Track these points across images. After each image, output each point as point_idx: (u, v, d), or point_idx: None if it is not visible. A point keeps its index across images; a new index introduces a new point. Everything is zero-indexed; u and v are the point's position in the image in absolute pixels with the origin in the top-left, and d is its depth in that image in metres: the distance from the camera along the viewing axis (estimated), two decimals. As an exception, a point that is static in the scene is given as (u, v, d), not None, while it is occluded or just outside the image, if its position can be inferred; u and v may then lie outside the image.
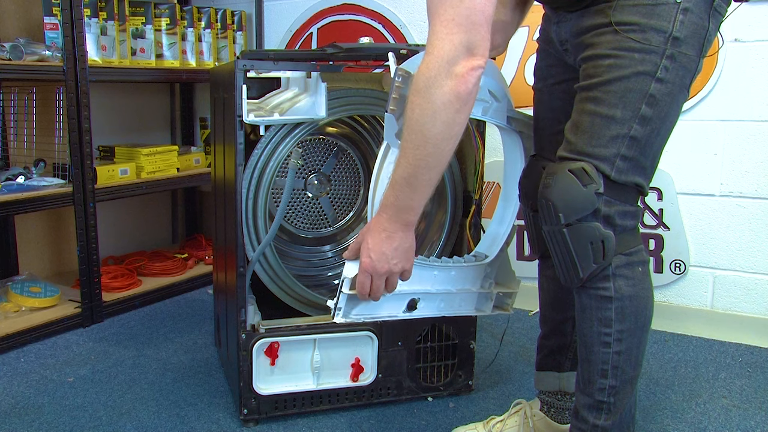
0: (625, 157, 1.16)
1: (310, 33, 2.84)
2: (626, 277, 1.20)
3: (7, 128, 2.36)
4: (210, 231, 3.00)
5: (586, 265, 1.19)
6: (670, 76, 1.15)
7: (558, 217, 1.18)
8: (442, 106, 1.07)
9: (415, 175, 1.14)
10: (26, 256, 2.53)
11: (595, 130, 1.17)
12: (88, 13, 2.26)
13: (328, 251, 1.96)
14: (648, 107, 1.15)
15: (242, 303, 1.56)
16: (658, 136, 1.18)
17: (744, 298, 2.19)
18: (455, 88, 1.06)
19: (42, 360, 1.99)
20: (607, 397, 1.24)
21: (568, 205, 1.17)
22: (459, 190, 1.75)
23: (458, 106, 1.07)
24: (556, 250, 1.22)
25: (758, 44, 2.07)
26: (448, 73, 1.05)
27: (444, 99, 1.07)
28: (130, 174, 2.40)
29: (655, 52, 1.14)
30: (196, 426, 1.62)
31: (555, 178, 1.19)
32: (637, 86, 1.14)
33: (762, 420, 1.68)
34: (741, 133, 2.13)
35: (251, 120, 1.48)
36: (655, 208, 2.25)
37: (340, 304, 1.35)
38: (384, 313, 1.50)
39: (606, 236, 1.17)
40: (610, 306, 1.20)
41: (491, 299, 1.60)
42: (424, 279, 1.52)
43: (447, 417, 1.68)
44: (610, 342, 1.22)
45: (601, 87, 1.17)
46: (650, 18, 1.13)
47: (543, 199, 1.21)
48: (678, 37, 1.14)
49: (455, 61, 1.05)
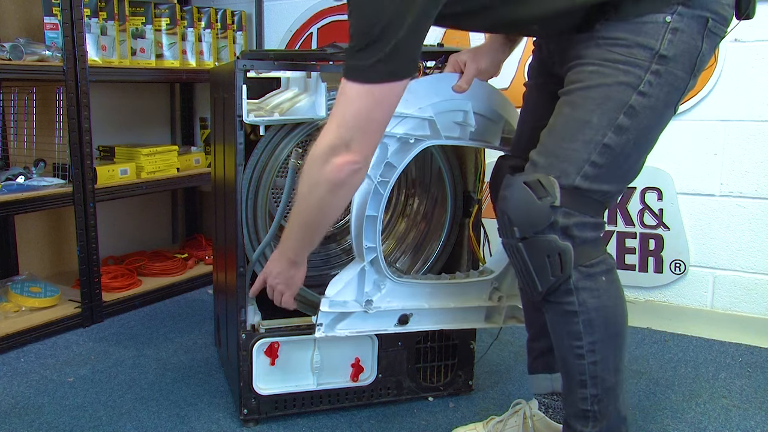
0: (595, 163, 1.15)
1: (310, 33, 2.84)
2: (589, 289, 1.19)
3: (7, 128, 2.36)
4: (210, 231, 3.00)
5: (544, 279, 1.18)
6: (653, 91, 1.15)
7: (513, 231, 1.18)
8: (317, 185, 1.21)
9: (297, 229, 1.33)
10: (26, 256, 2.53)
11: (568, 134, 1.17)
12: (88, 13, 2.26)
13: (328, 251, 1.95)
14: (626, 117, 1.15)
15: (242, 303, 1.56)
16: (635, 148, 1.17)
17: (744, 298, 2.19)
18: (329, 175, 1.19)
19: (42, 360, 1.99)
20: (591, 405, 1.23)
21: (523, 219, 1.16)
22: (459, 190, 1.75)
23: (330, 188, 1.21)
24: (515, 264, 1.22)
25: (758, 44, 2.07)
26: (326, 161, 1.18)
27: (320, 180, 1.20)
28: (130, 174, 2.40)
29: (640, 66, 1.14)
30: (196, 426, 1.62)
31: (511, 190, 1.18)
32: (617, 95, 1.14)
33: (762, 420, 1.68)
34: (741, 133, 2.13)
35: (251, 120, 1.48)
36: (655, 208, 2.25)
37: (320, 320, 1.49)
38: (371, 329, 1.54)
39: (563, 249, 1.16)
40: (577, 320, 1.19)
41: (501, 312, 1.61)
42: (416, 296, 1.54)
43: (447, 417, 1.68)
44: (583, 354, 1.21)
45: (581, 92, 1.17)
46: (637, 35, 1.14)
47: (500, 211, 1.21)
48: (665, 55, 1.14)
49: (334, 152, 1.17)
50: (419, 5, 1.09)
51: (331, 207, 1.26)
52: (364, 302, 1.50)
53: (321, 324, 1.49)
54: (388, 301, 1.53)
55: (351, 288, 1.51)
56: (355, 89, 1.14)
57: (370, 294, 1.51)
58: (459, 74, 1.45)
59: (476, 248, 1.67)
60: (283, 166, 1.59)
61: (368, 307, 1.51)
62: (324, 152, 1.18)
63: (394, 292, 1.54)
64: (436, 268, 1.80)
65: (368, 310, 1.51)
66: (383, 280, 1.51)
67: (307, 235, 1.33)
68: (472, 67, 1.43)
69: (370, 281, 1.50)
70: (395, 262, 1.89)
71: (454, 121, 1.47)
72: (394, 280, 1.52)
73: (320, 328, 1.49)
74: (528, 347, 1.53)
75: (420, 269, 1.80)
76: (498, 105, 1.51)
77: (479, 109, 1.49)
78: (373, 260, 1.49)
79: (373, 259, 1.48)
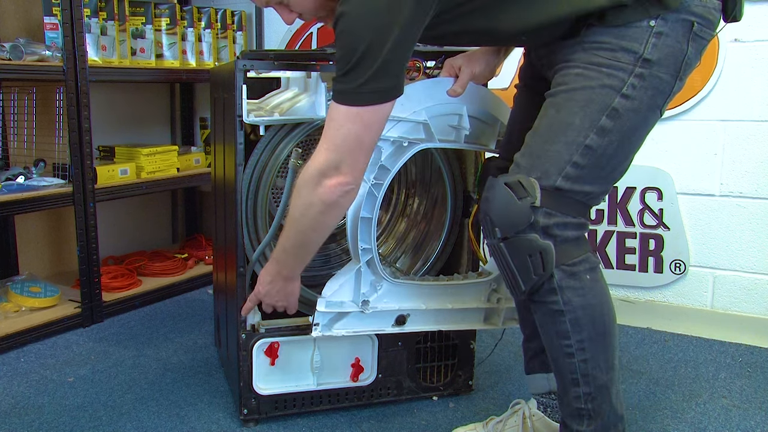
0: (577, 164, 1.16)
1: (310, 33, 2.84)
2: (573, 287, 1.20)
3: (7, 128, 2.36)
4: (210, 231, 3.00)
5: (527, 278, 1.19)
6: (637, 94, 1.16)
7: (495, 232, 1.19)
8: (309, 205, 1.25)
9: (291, 248, 1.36)
10: (26, 256, 2.53)
11: (551, 135, 1.18)
12: (88, 13, 2.26)
13: (328, 251, 1.95)
14: (608, 119, 1.16)
15: (242, 303, 1.56)
16: (619, 149, 1.18)
17: (744, 298, 2.19)
18: (320, 196, 1.23)
19: (42, 360, 1.99)
20: (584, 404, 1.24)
21: (504, 220, 1.18)
22: (459, 190, 1.75)
23: (322, 209, 1.24)
24: (498, 264, 1.23)
25: (758, 44, 2.07)
26: (318, 182, 1.22)
27: (312, 200, 1.24)
28: (130, 174, 2.40)
29: (623, 69, 1.15)
30: (196, 426, 1.62)
31: (492, 191, 1.20)
32: (600, 98, 1.16)
33: (762, 420, 1.68)
34: (741, 133, 2.13)
35: (251, 120, 1.48)
36: (655, 208, 2.25)
37: (317, 320, 1.51)
38: (368, 328, 1.54)
39: (544, 248, 1.17)
40: (564, 319, 1.21)
41: (499, 314, 1.61)
42: (413, 297, 1.55)
43: (447, 417, 1.68)
44: (572, 352, 1.22)
45: (565, 94, 1.18)
46: (621, 39, 1.15)
47: (482, 213, 1.23)
48: (649, 59, 1.15)
49: (325, 174, 1.21)
50: (406, 16, 1.11)
51: (325, 226, 1.30)
52: (361, 302, 1.51)
53: (318, 324, 1.51)
54: (385, 302, 1.54)
55: (347, 288, 1.51)
56: (343, 112, 1.17)
57: (366, 294, 1.51)
58: (454, 78, 1.46)
59: (477, 248, 1.67)
60: (283, 166, 1.59)
61: (365, 307, 1.51)
62: (315, 175, 1.21)
63: (391, 293, 1.54)
64: (437, 268, 1.80)
65: (365, 310, 1.51)
66: (380, 280, 1.52)
67: (301, 254, 1.38)
68: (466, 71, 1.44)
69: (366, 282, 1.51)
70: (395, 262, 1.89)
71: (449, 125, 1.47)
72: (390, 281, 1.52)
73: (317, 327, 1.51)
74: (524, 348, 1.53)
75: (420, 269, 1.80)
76: (493, 107, 1.52)
77: (474, 112, 1.49)
78: (369, 261, 1.49)
79: (369, 260, 1.49)
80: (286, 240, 1.35)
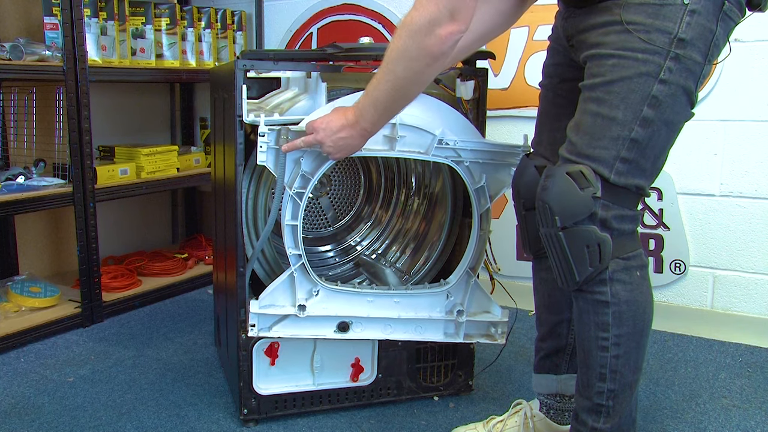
0: (624, 159, 1.16)
1: (310, 33, 2.84)
2: (624, 281, 1.20)
3: (7, 128, 2.36)
4: (210, 231, 3.00)
5: (583, 268, 1.19)
6: (673, 78, 1.15)
7: (554, 220, 1.18)
8: (416, 57, 1.16)
9: (382, 101, 1.26)
10: (26, 256, 2.53)
11: (596, 132, 1.17)
12: (88, 13, 2.26)
13: (328, 251, 1.95)
14: (650, 109, 1.15)
15: (242, 303, 1.56)
16: (660, 138, 1.18)
17: (744, 298, 2.19)
18: (431, 47, 1.14)
19: (42, 360, 1.99)
20: (606, 400, 1.24)
21: (565, 209, 1.17)
22: (459, 190, 1.75)
23: (429, 62, 1.16)
24: (553, 254, 1.22)
25: (758, 44, 2.07)
26: (429, 32, 1.13)
27: (420, 53, 1.15)
28: (130, 174, 2.40)
29: (659, 53, 1.14)
30: (196, 426, 1.62)
31: (553, 180, 1.19)
32: (639, 87, 1.15)
33: (762, 420, 1.68)
34: (741, 133, 2.13)
35: (251, 120, 1.48)
36: (655, 208, 2.25)
37: (252, 321, 1.51)
38: (308, 332, 1.55)
39: (602, 240, 1.17)
40: (607, 311, 1.20)
41: (458, 327, 1.61)
42: (354, 304, 1.55)
43: (447, 417, 1.68)
44: (608, 346, 1.22)
45: (603, 87, 1.17)
46: (656, 18, 1.13)
47: (540, 201, 1.21)
48: (683, 38, 1.13)
49: (438, 22, 1.12)
50: None
51: (428, 79, 1.23)
52: (297, 307, 1.52)
53: (254, 324, 1.52)
54: (323, 308, 1.55)
55: (282, 291, 1.52)
56: None
57: (302, 299, 1.52)
58: None
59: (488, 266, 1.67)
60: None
61: (300, 311, 1.52)
62: (425, 25, 1.13)
63: (330, 299, 1.55)
64: (437, 268, 1.80)
65: (300, 314, 1.52)
66: (316, 286, 1.53)
67: (394, 108, 1.29)
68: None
69: (301, 287, 1.52)
70: (395, 261, 1.89)
71: (382, 134, 1.46)
72: (327, 287, 1.53)
73: (253, 328, 1.52)
74: (536, 346, 1.53)
75: (420, 269, 1.79)
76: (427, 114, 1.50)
77: (409, 121, 1.48)
78: (301, 267, 1.50)
79: (300, 266, 1.50)
80: (379, 93, 1.25)
